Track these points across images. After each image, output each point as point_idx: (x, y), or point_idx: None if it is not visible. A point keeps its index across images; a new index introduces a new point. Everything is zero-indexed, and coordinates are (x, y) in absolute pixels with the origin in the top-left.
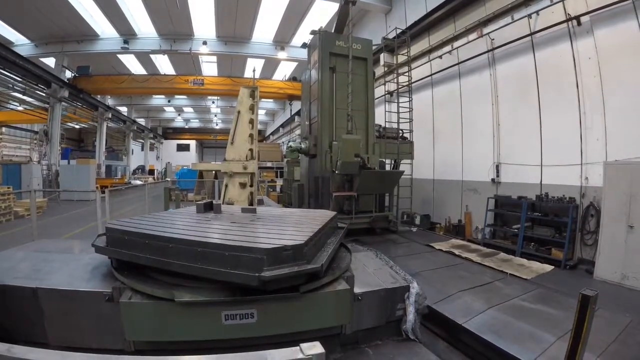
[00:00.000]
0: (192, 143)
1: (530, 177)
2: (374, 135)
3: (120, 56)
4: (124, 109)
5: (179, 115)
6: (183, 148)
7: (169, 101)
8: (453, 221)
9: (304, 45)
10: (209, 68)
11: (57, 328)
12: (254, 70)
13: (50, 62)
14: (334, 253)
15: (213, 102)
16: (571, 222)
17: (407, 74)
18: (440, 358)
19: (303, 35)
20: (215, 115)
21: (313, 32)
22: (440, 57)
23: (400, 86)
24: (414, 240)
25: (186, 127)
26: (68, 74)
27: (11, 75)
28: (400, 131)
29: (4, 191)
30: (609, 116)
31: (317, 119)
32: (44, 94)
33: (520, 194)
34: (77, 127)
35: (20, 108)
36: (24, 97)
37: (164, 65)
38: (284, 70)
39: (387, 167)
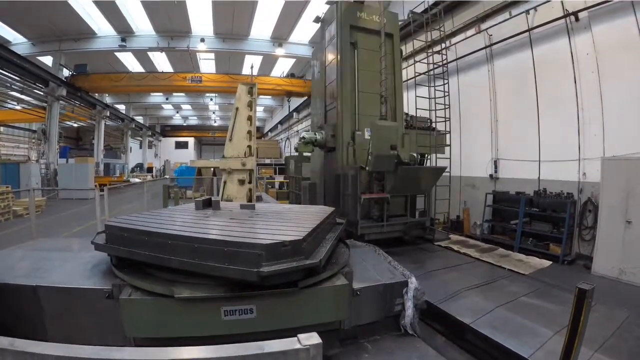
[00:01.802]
0: (191, 140)
1: (529, 172)
2: (403, 125)
3: (117, 54)
4: (122, 107)
5: (177, 112)
6: (181, 145)
7: (167, 99)
8: (451, 217)
9: (317, 20)
10: (207, 65)
11: (58, 326)
12: (252, 67)
13: (47, 60)
14: (333, 248)
15: (211, 99)
16: (569, 217)
17: (442, 52)
18: (439, 353)
19: (301, 31)
20: (214, 113)
21: (329, 2)
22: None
23: (434, 66)
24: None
25: (184, 124)
26: (65, 73)
27: (9, 75)
28: (429, 120)
29: (2, 190)
30: (607, 112)
31: (335, 104)
32: (41, 93)
33: (518, 190)
34: (75, 125)
35: (18, 107)
36: (22, 96)
37: (161, 62)
38: (282, 67)
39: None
